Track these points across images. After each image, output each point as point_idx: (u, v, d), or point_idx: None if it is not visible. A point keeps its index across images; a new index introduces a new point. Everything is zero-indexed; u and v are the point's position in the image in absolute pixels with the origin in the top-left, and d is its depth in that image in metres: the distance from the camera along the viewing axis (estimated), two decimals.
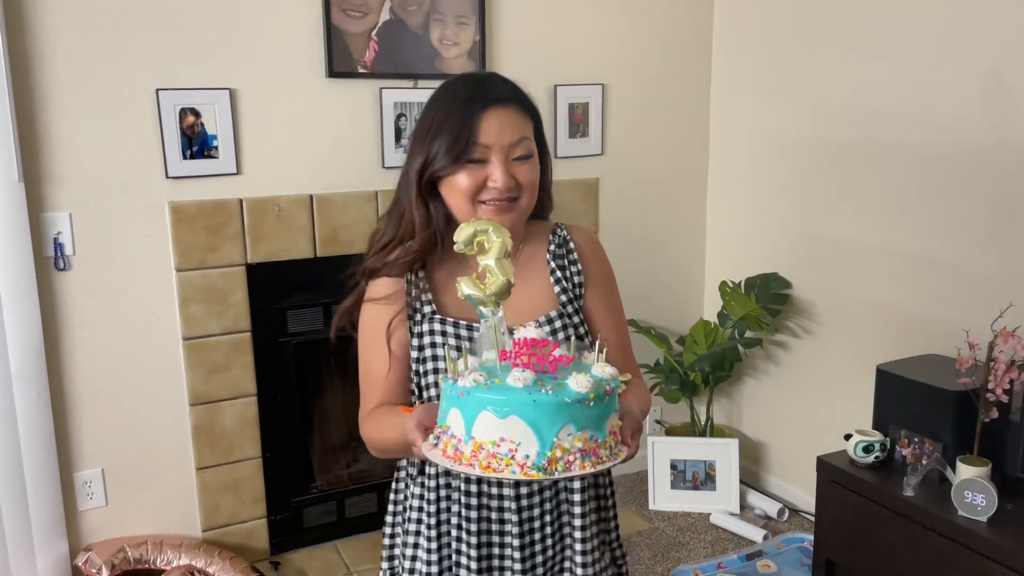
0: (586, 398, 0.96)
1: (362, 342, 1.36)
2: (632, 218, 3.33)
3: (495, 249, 1.06)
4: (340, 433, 3.12)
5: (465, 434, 0.97)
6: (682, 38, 3.29)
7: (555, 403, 0.94)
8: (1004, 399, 2.04)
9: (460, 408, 0.98)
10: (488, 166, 1.24)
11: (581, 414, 0.96)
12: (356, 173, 2.80)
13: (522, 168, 1.27)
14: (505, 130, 1.24)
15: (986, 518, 1.96)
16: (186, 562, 2.58)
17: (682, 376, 3.20)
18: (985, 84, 2.38)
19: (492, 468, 0.95)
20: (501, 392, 0.95)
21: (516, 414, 0.94)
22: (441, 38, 2.83)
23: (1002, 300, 2.19)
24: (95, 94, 2.42)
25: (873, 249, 2.77)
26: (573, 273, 1.37)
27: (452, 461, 0.97)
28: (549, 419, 0.94)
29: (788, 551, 2.87)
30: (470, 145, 1.23)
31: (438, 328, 1.29)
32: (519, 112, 1.28)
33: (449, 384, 1.01)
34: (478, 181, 1.24)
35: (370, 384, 1.33)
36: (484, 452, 0.95)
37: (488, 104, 1.25)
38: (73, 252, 2.47)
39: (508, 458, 0.95)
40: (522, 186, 1.27)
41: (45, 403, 2.45)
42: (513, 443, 0.95)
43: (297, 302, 2.78)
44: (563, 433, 0.95)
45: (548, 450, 0.95)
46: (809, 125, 2.97)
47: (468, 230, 1.08)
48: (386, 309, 1.32)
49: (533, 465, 0.94)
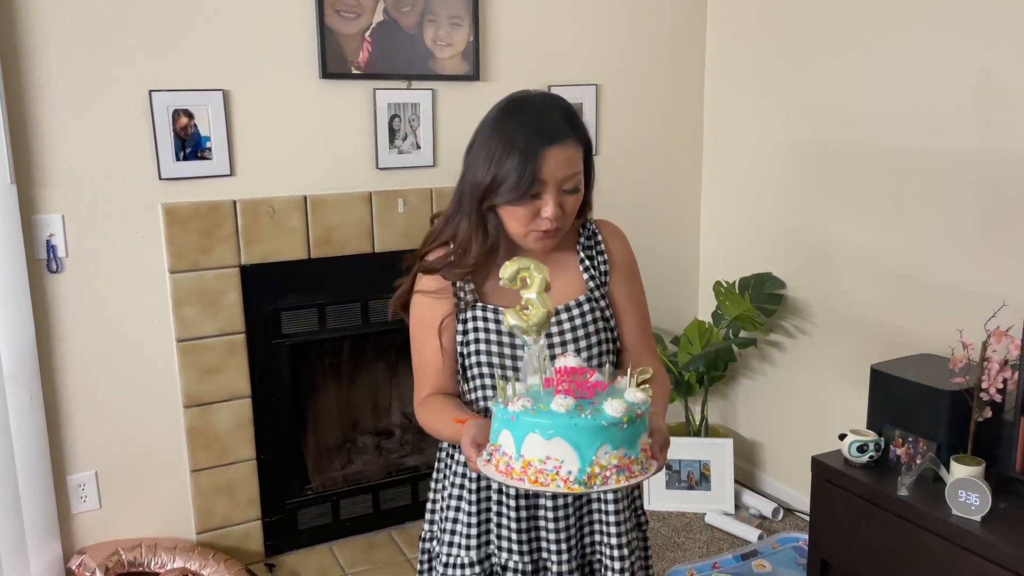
0: (620, 421, 1.10)
1: (414, 331, 1.49)
2: (626, 218, 3.27)
3: (536, 284, 1.20)
4: (335, 435, 3.11)
5: (515, 452, 1.11)
6: (675, 39, 3.29)
7: (593, 426, 1.08)
8: (998, 398, 2.05)
9: (511, 430, 1.12)
10: (541, 199, 1.36)
11: (616, 435, 1.10)
12: (350, 174, 2.80)
13: (569, 199, 1.39)
14: (561, 166, 1.35)
15: (980, 517, 1.97)
16: (180, 565, 2.57)
17: (677, 376, 3.20)
18: (977, 85, 2.38)
19: (540, 482, 1.09)
20: (546, 416, 1.10)
21: (560, 436, 1.08)
22: (435, 39, 2.83)
23: (995, 300, 2.20)
24: (88, 95, 2.41)
25: (867, 249, 2.78)
26: (600, 262, 1.51)
27: (504, 476, 1.12)
28: (588, 440, 1.08)
29: (783, 551, 2.88)
30: (534, 184, 1.34)
31: (480, 315, 1.43)
32: (575, 147, 1.38)
33: (500, 408, 1.14)
34: (533, 212, 1.37)
35: (424, 370, 1.48)
36: (532, 468, 1.10)
37: (551, 143, 1.34)
38: (66, 254, 2.45)
39: (553, 474, 1.09)
40: (566, 216, 1.40)
41: (38, 406, 2.44)
42: (558, 461, 1.09)
43: (291, 303, 2.78)
44: (600, 452, 1.09)
45: (588, 467, 1.09)
46: (802, 125, 2.98)
47: (512, 268, 1.22)
48: (436, 303, 1.45)
49: (575, 480, 1.08)
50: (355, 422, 3.16)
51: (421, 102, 2.84)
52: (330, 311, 2.83)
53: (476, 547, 1.44)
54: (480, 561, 1.44)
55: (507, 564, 1.43)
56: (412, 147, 2.86)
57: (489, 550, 1.45)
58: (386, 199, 2.84)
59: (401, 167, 2.86)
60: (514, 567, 1.42)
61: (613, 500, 1.47)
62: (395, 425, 3.21)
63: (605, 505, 1.47)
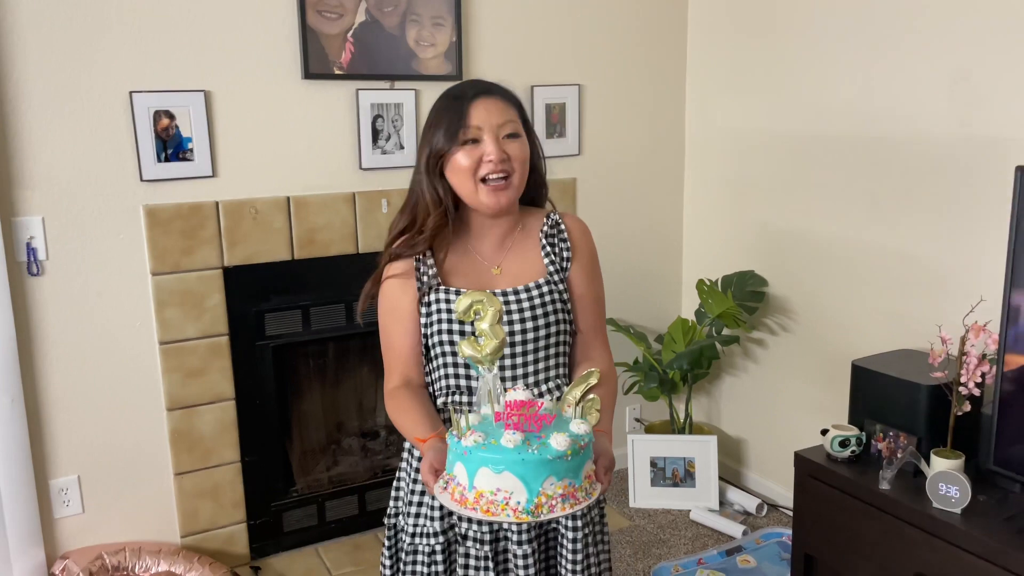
0: (564, 455, 1.18)
1: (382, 318, 1.56)
2: (609, 217, 3.34)
3: (488, 316, 1.27)
4: (319, 436, 3.10)
5: (468, 484, 1.19)
6: (657, 38, 3.31)
7: (539, 460, 1.16)
8: (976, 392, 2.07)
9: (464, 463, 1.20)
10: (482, 144, 1.44)
11: (561, 467, 1.18)
12: (333, 175, 2.79)
13: (512, 145, 1.47)
14: (492, 113, 1.45)
15: (960, 509, 1.99)
16: (165, 568, 2.56)
17: (661, 374, 3.22)
18: (953, 81, 2.41)
19: (491, 512, 1.17)
20: (496, 452, 1.18)
21: (508, 470, 1.17)
22: (417, 39, 2.83)
23: (973, 295, 2.23)
24: (67, 97, 2.39)
25: (847, 246, 2.81)
26: (562, 250, 1.59)
27: (459, 505, 1.20)
28: (534, 473, 1.16)
29: (767, 546, 2.90)
30: (463, 127, 1.44)
31: (443, 297, 1.49)
32: (503, 100, 1.49)
33: (455, 441, 1.22)
34: (475, 159, 1.44)
35: (392, 356, 1.55)
36: (484, 499, 1.18)
37: (476, 95, 1.47)
38: (46, 257, 2.44)
39: (504, 504, 1.17)
40: (513, 161, 1.46)
41: (19, 409, 2.42)
42: (507, 492, 1.17)
43: (275, 305, 2.77)
44: (547, 483, 1.17)
45: (535, 497, 1.17)
46: (783, 123, 3.00)
47: (466, 301, 1.29)
48: (403, 291, 1.51)
49: (523, 510, 1.16)
50: (340, 423, 3.16)
51: (404, 102, 2.84)
52: (314, 312, 2.83)
53: (440, 518, 1.52)
54: (444, 531, 1.53)
55: (467, 533, 1.52)
56: (395, 147, 2.86)
57: (452, 520, 1.53)
58: (370, 199, 2.84)
59: (384, 167, 2.85)
60: (473, 535, 1.52)
61: None
62: (380, 426, 3.21)
63: None
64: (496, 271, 1.55)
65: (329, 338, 2.93)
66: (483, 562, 1.52)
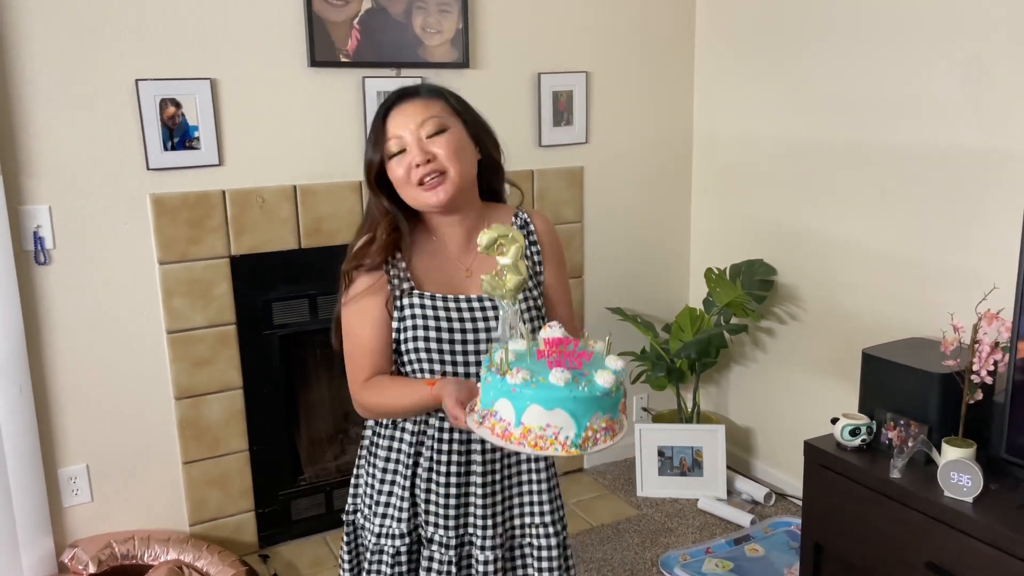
0: (609, 392, 1.23)
1: (349, 320, 1.51)
2: (617, 206, 3.33)
3: (511, 253, 1.30)
4: (327, 425, 3.10)
5: (515, 420, 1.21)
6: (665, 26, 3.29)
7: (589, 397, 1.21)
8: (988, 381, 2.06)
9: (511, 400, 1.22)
10: (407, 152, 1.43)
11: (606, 403, 1.24)
12: (339, 163, 2.78)
13: (438, 141, 1.44)
14: (410, 117, 1.44)
15: (971, 498, 1.98)
16: (174, 557, 2.56)
17: (668, 363, 3.21)
18: (965, 72, 2.39)
19: (539, 447, 1.21)
20: (547, 390, 1.21)
21: (560, 407, 1.20)
22: (424, 26, 2.81)
23: (986, 283, 2.21)
24: (74, 85, 2.38)
25: (857, 234, 2.79)
26: (533, 252, 1.58)
27: (502, 440, 1.22)
28: (584, 409, 1.21)
29: (775, 535, 2.90)
30: (385, 139, 1.45)
31: (417, 302, 1.47)
32: (423, 99, 1.47)
33: (497, 378, 1.24)
34: (406, 166, 1.43)
35: (360, 355, 1.49)
36: (532, 435, 1.21)
37: (392, 103, 1.47)
38: (53, 246, 2.43)
39: (552, 439, 1.21)
40: (442, 158, 1.43)
41: (28, 399, 2.42)
42: (556, 428, 1.21)
43: (282, 294, 2.77)
44: (593, 419, 1.22)
45: (583, 432, 1.21)
46: (792, 113, 2.98)
47: (491, 234, 1.30)
48: (369, 285, 1.47)
49: (572, 444, 1.21)
50: (347, 412, 3.15)
51: None
52: (321, 301, 2.82)
53: (407, 519, 1.52)
54: (409, 532, 1.53)
55: (432, 537, 1.52)
56: None
57: (417, 522, 1.53)
58: None
59: None
60: (439, 540, 1.51)
61: (546, 479, 1.57)
62: None
63: (537, 484, 1.56)
64: (467, 274, 1.51)
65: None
66: (447, 565, 1.51)
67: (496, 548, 1.51)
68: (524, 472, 1.57)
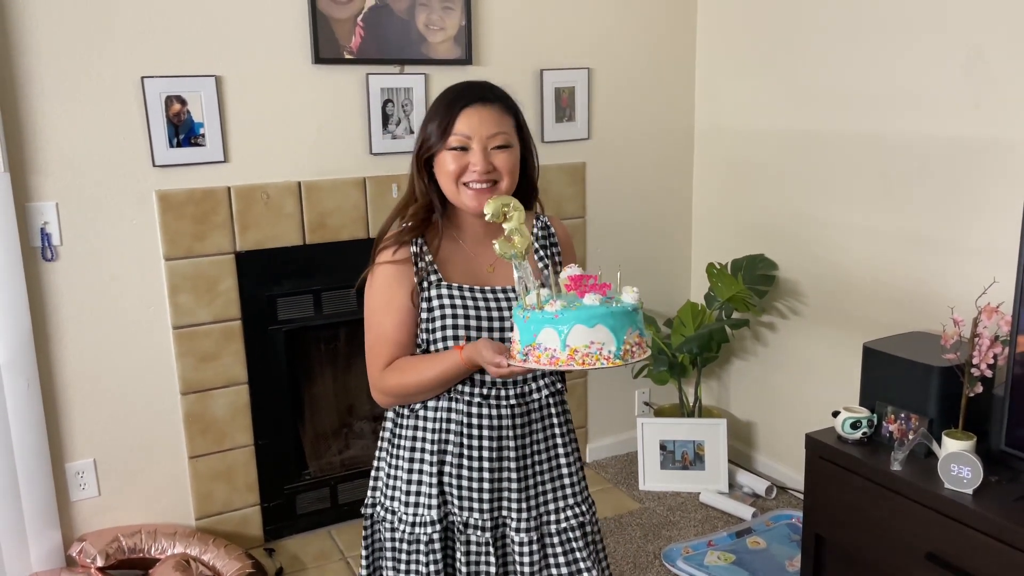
0: (638, 307, 1.35)
1: (374, 310, 1.55)
2: (619, 201, 3.34)
3: (515, 219, 1.38)
4: (332, 419, 3.12)
5: (560, 344, 1.30)
6: (667, 22, 3.30)
7: (624, 311, 1.32)
8: (988, 374, 2.08)
9: (553, 326, 1.31)
10: (470, 153, 1.47)
11: (635, 319, 1.34)
12: (344, 159, 2.80)
13: (500, 155, 1.49)
14: (484, 123, 1.47)
15: (972, 490, 2.00)
16: (180, 550, 2.58)
17: (670, 358, 3.23)
18: (967, 62, 2.40)
19: (586, 363, 1.30)
20: (588, 309, 1.31)
21: (601, 323, 1.30)
22: (427, 23, 2.82)
23: (986, 277, 2.23)
24: (80, 82, 2.40)
25: (858, 228, 2.80)
26: (555, 253, 1.64)
27: (551, 365, 1.31)
28: (621, 323, 1.32)
29: (777, 527, 2.92)
30: (451, 132, 1.47)
31: (445, 292, 1.51)
32: (499, 110, 1.50)
33: (537, 313, 1.33)
34: (462, 165, 1.48)
35: (382, 345, 1.54)
36: (579, 354, 1.30)
37: (470, 102, 1.48)
38: (60, 242, 2.45)
39: (596, 355, 1.30)
40: (500, 171, 1.49)
41: (35, 394, 2.44)
42: (599, 344, 1.30)
43: (287, 289, 2.78)
44: (628, 333, 1.32)
45: (622, 344, 1.31)
46: (793, 107, 2.99)
47: (496, 203, 1.37)
48: (397, 279, 1.51)
49: (615, 356, 1.31)
50: (351, 407, 3.18)
51: (414, 87, 2.84)
52: (325, 297, 2.84)
53: (437, 506, 1.54)
54: (441, 519, 1.55)
55: (468, 521, 1.54)
56: (405, 132, 2.86)
57: (447, 509, 1.55)
58: (380, 184, 2.85)
59: (395, 152, 2.86)
60: (475, 523, 1.54)
61: (574, 460, 1.62)
62: None
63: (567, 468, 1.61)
64: (490, 270, 1.56)
65: (340, 322, 2.94)
66: (484, 547, 1.54)
67: (531, 531, 1.55)
68: (555, 457, 1.60)
